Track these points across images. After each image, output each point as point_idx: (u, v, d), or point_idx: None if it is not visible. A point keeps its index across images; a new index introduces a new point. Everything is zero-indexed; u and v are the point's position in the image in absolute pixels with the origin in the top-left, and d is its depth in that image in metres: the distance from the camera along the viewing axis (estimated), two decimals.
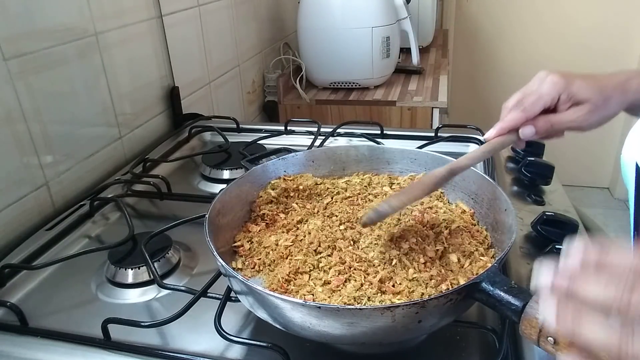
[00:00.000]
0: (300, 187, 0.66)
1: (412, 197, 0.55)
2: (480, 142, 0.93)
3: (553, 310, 0.31)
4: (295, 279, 0.52)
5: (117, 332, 0.52)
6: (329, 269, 0.53)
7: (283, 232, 0.60)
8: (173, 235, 0.67)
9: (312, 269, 0.53)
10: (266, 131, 1.05)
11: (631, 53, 2.62)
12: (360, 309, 0.43)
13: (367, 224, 0.55)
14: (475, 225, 0.60)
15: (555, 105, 0.59)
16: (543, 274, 0.32)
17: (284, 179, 0.67)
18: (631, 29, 2.59)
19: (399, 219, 0.60)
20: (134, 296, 0.60)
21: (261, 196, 0.65)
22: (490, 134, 0.59)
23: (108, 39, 0.88)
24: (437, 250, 0.55)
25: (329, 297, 0.49)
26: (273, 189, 0.66)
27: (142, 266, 0.62)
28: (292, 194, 0.66)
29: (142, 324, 0.52)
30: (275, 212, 0.63)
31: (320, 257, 0.55)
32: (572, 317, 0.30)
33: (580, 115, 0.57)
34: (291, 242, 0.58)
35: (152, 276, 0.60)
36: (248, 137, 1.02)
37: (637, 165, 0.48)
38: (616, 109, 0.59)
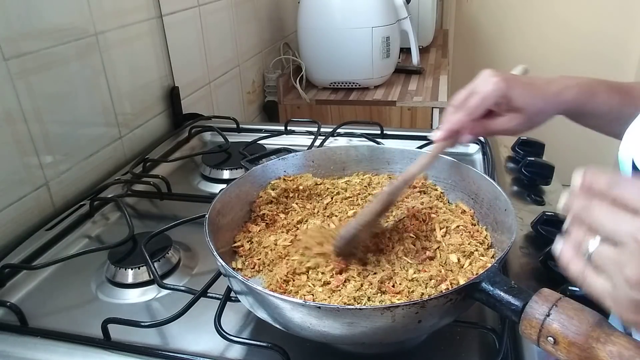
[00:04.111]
0: (300, 187, 0.66)
1: (369, 213, 0.55)
2: (479, 142, 0.92)
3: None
4: (294, 279, 0.52)
5: (117, 332, 0.52)
6: (327, 269, 0.52)
7: (283, 232, 0.60)
8: (173, 235, 0.67)
9: (309, 269, 0.53)
10: (266, 131, 1.05)
11: (631, 45, 2.61)
12: (360, 309, 0.43)
13: (338, 251, 0.54)
14: (475, 225, 0.59)
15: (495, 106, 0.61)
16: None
17: (284, 179, 0.67)
18: (631, 23, 2.58)
19: (399, 220, 0.60)
20: (134, 296, 0.60)
21: (261, 196, 0.65)
22: (438, 135, 0.62)
23: (108, 39, 0.88)
24: (437, 249, 0.55)
25: (328, 297, 0.49)
26: (273, 189, 0.66)
27: (142, 266, 0.62)
28: (292, 194, 0.66)
29: (142, 324, 0.52)
30: (275, 212, 0.63)
31: None
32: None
33: (514, 125, 0.61)
34: (289, 242, 0.58)
35: (152, 276, 0.60)
36: (248, 137, 1.02)
37: (633, 162, 0.48)
38: (548, 118, 0.62)
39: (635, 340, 0.35)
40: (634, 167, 0.48)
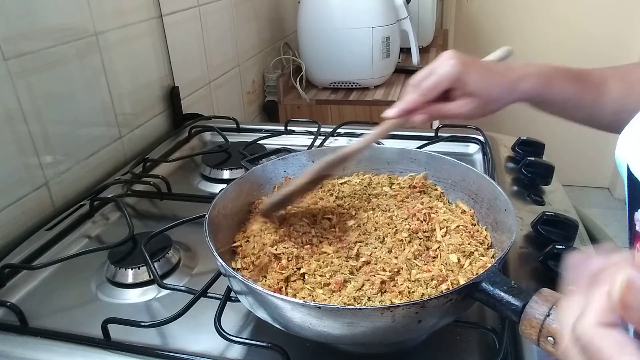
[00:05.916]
0: None
1: (298, 183, 0.59)
2: (479, 142, 0.93)
3: None
4: (286, 286, 0.52)
5: (117, 332, 0.52)
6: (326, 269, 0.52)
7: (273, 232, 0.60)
8: (173, 235, 0.67)
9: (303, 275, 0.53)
10: (266, 131, 1.05)
11: (632, 45, 2.61)
12: (360, 309, 0.43)
13: (263, 213, 0.59)
14: (475, 225, 0.59)
15: (451, 89, 0.61)
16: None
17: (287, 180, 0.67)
18: (631, 23, 2.58)
19: (400, 220, 0.60)
20: (134, 296, 0.60)
21: (261, 199, 0.65)
22: (391, 113, 0.62)
23: (108, 39, 0.88)
24: (437, 249, 0.55)
25: (328, 297, 0.49)
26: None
27: (142, 266, 0.62)
28: None
29: (142, 324, 0.52)
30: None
31: None
32: None
33: (467, 109, 0.61)
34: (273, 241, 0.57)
35: (152, 276, 0.60)
36: (248, 137, 1.02)
37: (628, 167, 0.47)
38: (503, 105, 0.62)
39: (633, 339, 0.34)
40: (629, 172, 0.47)
